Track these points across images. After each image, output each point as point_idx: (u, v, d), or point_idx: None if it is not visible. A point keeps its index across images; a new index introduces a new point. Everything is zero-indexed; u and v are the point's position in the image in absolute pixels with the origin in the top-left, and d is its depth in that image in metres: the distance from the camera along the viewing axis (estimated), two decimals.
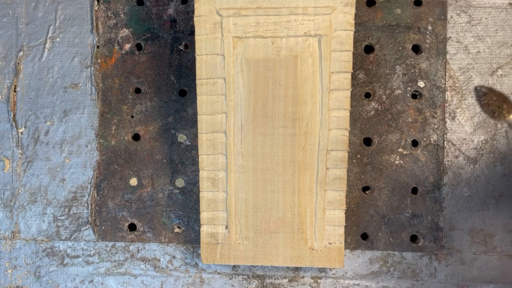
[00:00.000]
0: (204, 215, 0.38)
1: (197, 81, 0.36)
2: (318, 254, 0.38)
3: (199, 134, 0.37)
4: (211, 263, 0.39)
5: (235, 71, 0.36)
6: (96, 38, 0.43)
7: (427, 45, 0.41)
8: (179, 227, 0.42)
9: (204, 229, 0.39)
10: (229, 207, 0.38)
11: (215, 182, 0.38)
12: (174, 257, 0.42)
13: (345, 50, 0.35)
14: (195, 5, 0.35)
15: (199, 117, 0.37)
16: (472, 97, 0.39)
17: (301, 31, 0.35)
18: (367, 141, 0.41)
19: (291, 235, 0.38)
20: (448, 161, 0.40)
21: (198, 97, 0.37)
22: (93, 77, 0.43)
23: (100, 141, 0.43)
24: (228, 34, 0.35)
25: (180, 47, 0.42)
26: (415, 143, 0.41)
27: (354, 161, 0.41)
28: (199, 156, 0.38)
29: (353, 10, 0.35)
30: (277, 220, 0.38)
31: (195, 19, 0.36)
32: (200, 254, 0.41)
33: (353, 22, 0.35)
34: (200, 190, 0.38)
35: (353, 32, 0.35)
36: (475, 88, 0.30)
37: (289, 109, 0.36)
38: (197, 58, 0.36)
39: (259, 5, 0.35)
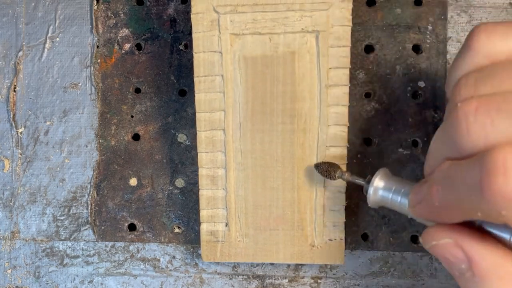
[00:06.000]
0: (203, 213, 0.38)
1: (195, 79, 0.37)
2: (318, 250, 0.38)
3: (197, 132, 0.37)
4: (211, 261, 0.39)
5: (233, 68, 0.36)
6: (96, 38, 0.43)
7: (427, 45, 0.41)
8: (179, 227, 0.42)
9: (204, 227, 0.39)
10: (228, 205, 0.38)
11: (214, 180, 0.38)
12: (174, 257, 0.42)
13: (343, 46, 0.35)
14: (192, 3, 0.35)
15: (197, 115, 0.37)
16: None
17: (299, 27, 0.35)
18: (367, 141, 0.41)
19: (291, 232, 0.38)
20: None
21: (196, 95, 0.37)
22: (92, 77, 0.43)
23: (100, 141, 0.43)
24: (225, 31, 0.36)
25: (180, 47, 0.42)
26: (415, 143, 0.40)
27: (355, 161, 0.41)
28: (198, 154, 0.38)
29: (350, 6, 0.35)
30: (277, 217, 0.37)
31: (192, 16, 0.36)
32: (200, 254, 0.40)
33: (350, 17, 0.35)
34: (200, 188, 0.38)
35: (350, 27, 0.35)
36: (315, 165, 0.36)
37: (288, 105, 0.36)
38: (195, 55, 0.36)
39: (256, 1, 0.35)
